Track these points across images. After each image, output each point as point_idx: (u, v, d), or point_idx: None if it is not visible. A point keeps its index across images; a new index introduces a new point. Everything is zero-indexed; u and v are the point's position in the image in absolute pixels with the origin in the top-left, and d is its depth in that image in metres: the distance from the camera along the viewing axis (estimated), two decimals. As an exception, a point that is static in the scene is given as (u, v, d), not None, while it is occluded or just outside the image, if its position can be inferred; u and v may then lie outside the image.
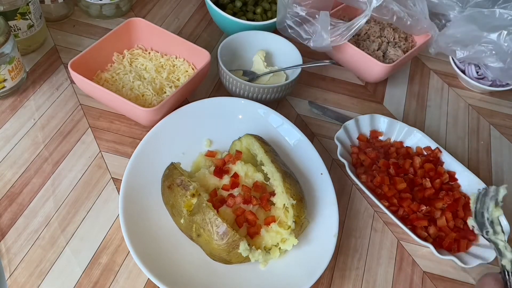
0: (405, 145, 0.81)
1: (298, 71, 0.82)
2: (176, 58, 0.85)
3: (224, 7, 0.93)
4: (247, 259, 0.60)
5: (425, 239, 0.69)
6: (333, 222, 0.66)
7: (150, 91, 0.78)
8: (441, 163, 0.78)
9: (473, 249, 0.69)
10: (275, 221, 0.62)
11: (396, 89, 0.94)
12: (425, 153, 0.80)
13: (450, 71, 0.97)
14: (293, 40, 0.86)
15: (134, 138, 0.77)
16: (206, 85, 0.86)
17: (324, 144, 0.81)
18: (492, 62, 0.89)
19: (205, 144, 0.75)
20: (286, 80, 0.84)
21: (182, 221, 0.62)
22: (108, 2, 0.92)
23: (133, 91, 0.78)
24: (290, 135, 0.76)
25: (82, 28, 0.93)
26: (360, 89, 0.92)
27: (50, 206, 0.67)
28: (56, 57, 0.87)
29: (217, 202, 0.63)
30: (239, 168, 0.66)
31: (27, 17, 0.80)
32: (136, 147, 0.69)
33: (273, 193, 0.65)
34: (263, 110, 0.77)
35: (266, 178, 0.67)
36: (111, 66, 0.83)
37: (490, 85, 0.93)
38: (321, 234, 0.66)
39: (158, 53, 0.86)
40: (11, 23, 0.78)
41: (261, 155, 0.68)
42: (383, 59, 0.90)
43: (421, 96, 0.93)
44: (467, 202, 0.74)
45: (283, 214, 0.63)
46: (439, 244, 0.69)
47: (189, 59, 0.85)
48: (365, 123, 0.82)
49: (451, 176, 0.77)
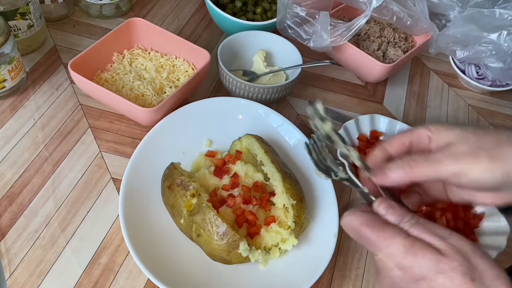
0: (405, 145, 0.81)
1: (298, 71, 0.82)
2: (176, 58, 0.85)
3: (224, 7, 0.93)
4: (247, 259, 0.60)
5: (425, 239, 0.69)
6: (333, 222, 0.66)
7: (150, 91, 0.78)
8: (441, 163, 0.78)
9: (473, 249, 0.69)
10: (275, 221, 0.62)
11: (396, 89, 0.94)
12: (425, 153, 0.79)
13: (450, 71, 0.97)
14: (293, 40, 0.86)
15: (134, 138, 0.77)
16: (206, 85, 0.86)
17: (324, 144, 0.81)
18: (492, 62, 0.89)
19: (205, 144, 0.75)
20: (286, 80, 0.84)
21: (182, 221, 0.62)
22: (108, 2, 0.92)
23: (133, 91, 0.78)
24: (290, 135, 0.76)
25: (82, 28, 0.93)
26: (360, 89, 0.92)
27: (50, 206, 0.67)
28: (56, 57, 0.87)
29: (217, 202, 0.63)
30: (239, 168, 0.66)
31: (27, 17, 0.80)
32: (136, 147, 0.69)
33: (273, 193, 0.65)
34: (263, 110, 0.77)
35: (266, 178, 0.67)
36: (111, 66, 0.83)
37: (490, 85, 0.93)
38: (321, 234, 0.66)
39: (158, 53, 0.86)
40: (11, 23, 0.78)
41: (261, 155, 0.68)
42: (383, 59, 0.90)
43: (421, 96, 0.93)
44: (467, 202, 0.74)
45: (283, 214, 0.63)
46: (439, 244, 0.69)
47: (189, 59, 0.85)
48: (365, 123, 0.82)
49: (451, 176, 0.77)
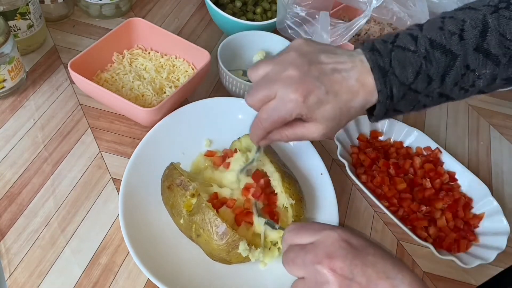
0: (405, 145, 0.81)
1: (298, 71, 0.81)
2: (176, 58, 0.85)
3: (224, 7, 0.93)
4: (247, 259, 0.60)
5: (425, 239, 0.69)
6: (333, 222, 0.66)
7: (150, 91, 0.78)
8: (441, 163, 0.78)
9: (473, 249, 0.69)
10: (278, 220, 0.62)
11: (396, 89, 0.93)
12: (425, 153, 0.80)
13: (450, 71, 0.97)
14: (293, 40, 0.86)
15: (134, 138, 0.77)
16: (206, 85, 0.86)
17: (324, 144, 0.81)
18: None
19: (205, 144, 0.75)
20: (286, 80, 0.84)
21: (181, 221, 0.62)
22: (108, 2, 0.92)
23: (133, 91, 0.78)
24: (290, 135, 0.76)
25: (82, 28, 0.93)
26: (360, 89, 0.92)
27: (50, 206, 0.67)
28: (56, 57, 0.87)
29: (217, 203, 0.63)
30: (238, 157, 0.66)
31: (27, 17, 0.80)
32: (136, 147, 0.69)
33: (273, 193, 0.65)
34: (263, 110, 0.77)
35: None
36: (111, 66, 0.83)
37: (490, 85, 0.93)
38: (321, 234, 0.66)
39: (158, 53, 0.86)
40: (11, 23, 0.78)
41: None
42: (383, 59, 0.90)
43: (421, 96, 0.93)
44: (467, 202, 0.74)
45: (282, 214, 0.63)
46: (439, 244, 0.69)
47: (189, 59, 0.85)
48: (365, 123, 0.82)
49: (451, 176, 0.77)
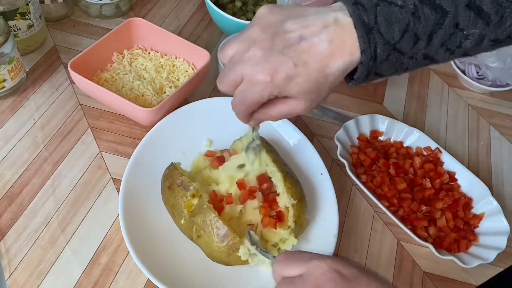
0: (405, 145, 0.81)
1: (298, 71, 0.81)
2: (176, 58, 0.85)
3: (224, 7, 0.93)
4: (246, 262, 0.59)
5: (425, 239, 0.69)
6: (333, 222, 0.66)
7: (150, 91, 0.78)
8: (441, 163, 0.78)
9: (473, 249, 0.69)
10: (282, 220, 0.62)
11: (396, 89, 0.94)
12: (425, 153, 0.80)
13: (450, 71, 0.97)
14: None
15: (134, 138, 0.77)
16: (206, 85, 0.86)
17: (324, 144, 0.81)
18: (492, 62, 0.89)
19: (205, 144, 0.75)
20: (286, 80, 0.84)
21: (182, 221, 0.62)
22: (108, 2, 0.92)
23: (133, 91, 0.78)
24: (290, 135, 0.76)
25: (82, 28, 0.93)
26: (360, 89, 0.92)
27: (50, 206, 0.67)
28: (56, 57, 0.87)
29: (217, 202, 0.62)
30: (235, 157, 0.67)
31: (27, 17, 0.80)
32: (136, 147, 0.69)
33: (276, 193, 0.65)
34: (263, 110, 0.77)
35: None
36: (111, 66, 0.83)
37: (490, 85, 0.93)
38: (321, 234, 0.66)
39: (158, 53, 0.86)
40: (11, 23, 0.78)
41: (262, 154, 0.68)
42: (383, 59, 0.90)
43: (421, 96, 0.93)
44: (467, 202, 0.74)
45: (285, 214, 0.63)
46: (439, 244, 0.69)
47: (189, 59, 0.85)
48: (365, 123, 0.82)
49: (451, 176, 0.77)
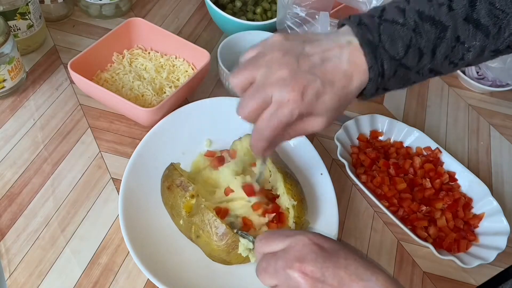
0: (405, 145, 0.81)
1: (298, 71, 0.81)
2: (176, 58, 0.85)
3: (224, 7, 0.93)
4: (247, 260, 0.59)
5: (425, 239, 0.69)
6: (333, 222, 0.66)
7: (149, 91, 0.78)
8: (441, 163, 0.78)
9: (473, 249, 0.69)
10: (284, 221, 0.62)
11: (396, 89, 0.93)
12: (425, 153, 0.80)
13: (450, 71, 0.97)
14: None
15: (134, 138, 0.77)
16: (206, 85, 0.86)
17: (324, 144, 0.81)
18: (492, 62, 0.89)
19: (205, 144, 0.75)
20: (286, 80, 0.84)
21: (181, 222, 0.62)
22: (108, 2, 0.92)
23: (133, 91, 0.78)
24: (290, 135, 0.76)
25: (82, 28, 0.93)
26: (360, 89, 0.92)
27: (50, 206, 0.67)
28: (55, 57, 0.87)
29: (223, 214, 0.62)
30: (232, 163, 0.67)
31: (26, 17, 0.80)
32: (136, 147, 0.69)
33: (276, 196, 0.65)
34: (263, 110, 0.77)
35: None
36: (110, 66, 0.83)
37: (490, 85, 0.93)
38: (321, 234, 0.66)
39: (158, 53, 0.86)
40: (10, 23, 0.78)
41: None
42: (383, 59, 0.90)
43: (421, 96, 0.93)
44: (467, 202, 0.74)
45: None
46: (439, 244, 0.69)
47: (189, 59, 0.85)
48: (365, 123, 0.82)
49: (451, 176, 0.77)
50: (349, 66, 0.46)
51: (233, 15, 0.90)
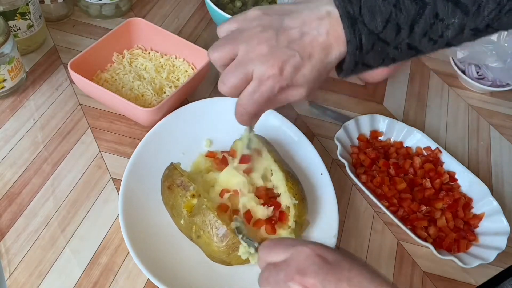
0: (405, 145, 0.81)
1: (298, 71, 0.81)
2: (176, 58, 0.85)
3: (224, 7, 0.93)
4: (247, 261, 0.59)
5: (425, 239, 0.69)
6: (333, 222, 0.66)
7: (150, 91, 0.78)
8: (441, 164, 0.78)
9: (473, 249, 0.69)
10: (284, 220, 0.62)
11: (396, 89, 0.94)
12: (425, 153, 0.80)
13: (450, 71, 0.97)
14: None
15: (134, 138, 0.77)
16: (206, 85, 0.86)
17: (324, 144, 0.81)
18: (492, 62, 0.89)
19: (205, 144, 0.75)
20: (286, 80, 0.84)
21: (182, 222, 0.62)
22: (108, 2, 0.92)
23: (133, 91, 0.78)
24: (290, 135, 0.76)
25: (82, 28, 0.93)
26: (360, 89, 0.92)
27: (50, 206, 0.67)
28: (55, 57, 0.87)
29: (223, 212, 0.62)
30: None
31: (26, 17, 0.80)
32: (136, 147, 0.69)
33: (277, 195, 0.65)
34: (263, 110, 0.77)
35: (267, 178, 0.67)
36: (110, 66, 0.83)
37: (490, 85, 0.93)
38: (321, 235, 0.66)
39: (158, 53, 0.86)
40: (10, 23, 0.78)
41: (264, 154, 0.68)
42: (383, 59, 0.90)
43: (421, 96, 0.93)
44: (467, 202, 0.74)
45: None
46: (439, 244, 0.69)
47: (189, 59, 0.85)
48: (365, 123, 0.82)
49: (451, 176, 0.77)
50: (328, 38, 0.46)
51: (233, 15, 0.90)
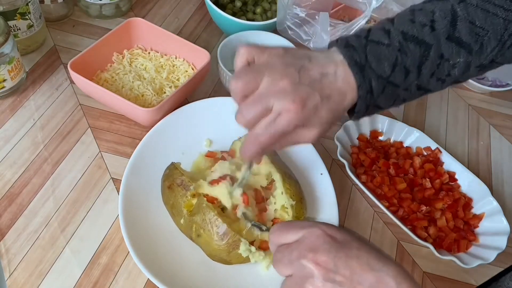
0: (405, 145, 0.81)
1: (298, 71, 0.81)
2: (176, 58, 0.85)
3: (224, 7, 0.93)
4: (247, 260, 0.59)
5: (425, 239, 0.69)
6: (333, 222, 0.66)
7: (150, 91, 0.78)
8: (441, 163, 0.78)
9: (473, 249, 0.69)
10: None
11: (396, 89, 0.93)
12: (425, 153, 0.80)
13: (450, 71, 0.97)
14: (293, 40, 0.86)
15: (134, 138, 0.77)
16: (206, 85, 0.86)
17: (324, 144, 0.81)
18: (492, 62, 0.89)
19: (205, 144, 0.75)
20: (286, 80, 0.84)
21: (182, 221, 0.62)
22: (108, 2, 0.92)
23: (133, 91, 0.78)
24: (290, 135, 0.76)
25: (82, 28, 0.93)
26: (360, 89, 0.92)
27: (50, 206, 0.67)
28: (55, 57, 0.87)
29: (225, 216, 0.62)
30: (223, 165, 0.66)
31: (26, 17, 0.80)
32: (136, 147, 0.69)
33: (269, 187, 0.65)
34: (263, 110, 0.77)
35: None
36: (110, 66, 0.83)
37: (490, 85, 0.93)
38: (321, 234, 0.66)
39: (158, 53, 0.86)
40: (10, 23, 0.78)
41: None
42: (383, 59, 0.90)
43: (421, 96, 0.93)
44: (467, 202, 0.74)
45: (282, 215, 0.63)
46: (439, 244, 0.69)
47: (189, 59, 0.85)
48: (365, 123, 0.82)
49: (451, 176, 0.77)
50: (344, 84, 0.49)
51: (233, 15, 0.90)
